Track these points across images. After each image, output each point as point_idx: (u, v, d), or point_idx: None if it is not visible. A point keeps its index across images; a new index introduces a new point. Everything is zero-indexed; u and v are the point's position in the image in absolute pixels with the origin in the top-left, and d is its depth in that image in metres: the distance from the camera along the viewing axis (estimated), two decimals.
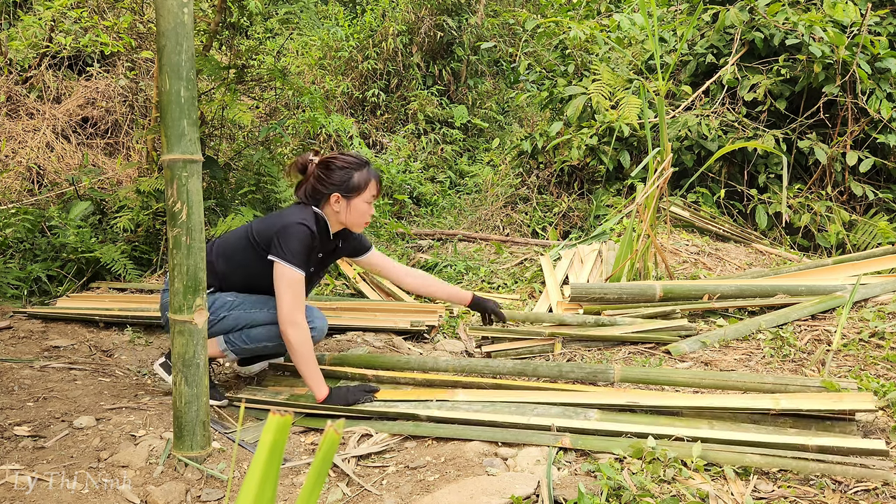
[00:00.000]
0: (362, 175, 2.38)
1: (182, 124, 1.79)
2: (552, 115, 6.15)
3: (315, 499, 0.62)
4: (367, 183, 2.38)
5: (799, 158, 5.09)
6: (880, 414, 2.05)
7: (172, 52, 1.77)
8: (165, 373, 2.49)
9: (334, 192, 2.36)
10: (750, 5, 5.02)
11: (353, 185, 2.36)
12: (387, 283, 3.97)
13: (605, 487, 1.65)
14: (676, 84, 5.55)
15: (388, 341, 3.11)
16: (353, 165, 2.38)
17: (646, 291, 3.17)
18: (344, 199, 2.38)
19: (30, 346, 2.94)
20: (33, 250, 3.93)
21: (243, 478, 1.44)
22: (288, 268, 2.23)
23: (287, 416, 0.60)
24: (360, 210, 2.40)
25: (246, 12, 4.55)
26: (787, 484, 1.70)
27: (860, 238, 4.72)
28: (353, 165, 2.38)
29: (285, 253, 2.24)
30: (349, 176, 2.36)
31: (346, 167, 2.37)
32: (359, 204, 2.39)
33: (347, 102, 8.04)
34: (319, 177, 2.37)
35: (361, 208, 2.40)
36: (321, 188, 2.37)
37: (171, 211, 1.82)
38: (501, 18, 8.50)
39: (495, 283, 4.25)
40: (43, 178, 5.23)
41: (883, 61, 4.79)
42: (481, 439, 2.00)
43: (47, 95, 5.85)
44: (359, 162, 2.39)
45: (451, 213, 6.50)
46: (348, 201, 2.38)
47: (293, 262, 2.24)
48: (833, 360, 2.51)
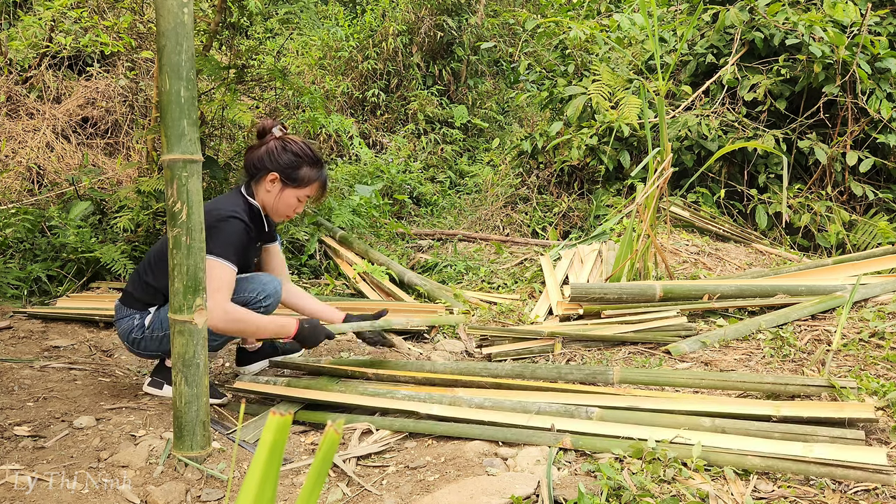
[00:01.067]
0: (311, 171, 2.34)
1: (182, 124, 1.79)
2: (552, 115, 6.15)
3: (315, 499, 0.62)
4: (310, 181, 2.34)
5: (799, 158, 5.09)
6: (880, 414, 2.05)
7: (172, 52, 1.77)
8: (157, 389, 2.47)
9: (274, 172, 2.30)
10: (750, 5, 5.02)
11: (296, 175, 2.32)
12: (386, 283, 3.97)
13: (605, 487, 1.65)
14: (676, 84, 5.55)
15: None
16: (307, 158, 2.33)
17: (646, 291, 3.16)
18: (280, 184, 2.32)
19: (30, 346, 2.94)
20: (33, 250, 3.93)
21: (243, 478, 1.44)
22: (218, 263, 2.14)
23: (287, 416, 0.60)
24: (289, 202, 2.35)
25: (246, 12, 4.55)
26: (787, 484, 1.70)
27: (860, 238, 4.72)
28: (307, 158, 2.33)
29: (216, 247, 2.14)
30: (298, 165, 2.32)
31: (300, 156, 2.32)
32: (291, 196, 2.34)
33: (347, 102, 8.04)
34: (271, 150, 2.31)
35: (291, 201, 2.35)
36: (267, 161, 2.31)
37: (171, 211, 1.82)
38: (501, 18, 8.50)
39: (495, 283, 4.25)
40: (43, 178, 5.23)
41: (883, 61, 4.79)
42: (481, 439, 2.00)
43: (47, 95, 5.85)
44: (314, 158, 2.35)
45: (451, 213, 6.50)
46: (283, 188, 2.32)
47: (225, 256, 2.16)
48: (833, 360, 2.51)
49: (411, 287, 3.96)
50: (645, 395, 2.22)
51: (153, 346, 2.35)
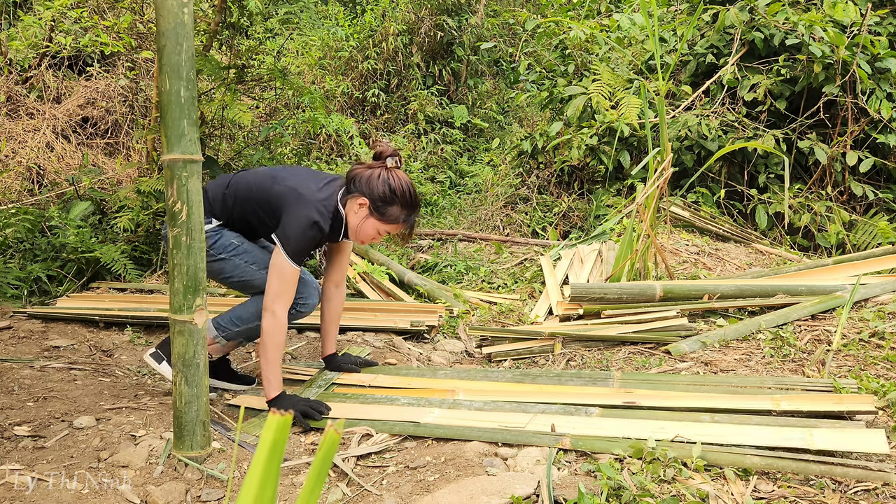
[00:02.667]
0: (401, 213, 2.30)
1: (182, 124, 1.79)
2: (552, 115, 6.15)
3: (315, 499, 0.62)
4: (396, 220, 2.31)
5: (799, 158, 5.09)
6: (880, 414, 2.05)
7: (172, 52, 1.77)
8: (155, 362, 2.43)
9: (366, 199, 2.28)
10: (750, 5, 5.02)
11: (385, 211, 2.29)
12: (386, 283, 3.97)
13: (605, 487, 1.65)
14: (676, 84, 5.55)
15: (388, 341, 3.11)
16: (401, 198, 2.28)
17: (646, 291, 3.16)
18: (367, 211, 2.29)
19: (30, 346, 2.94)
20: (33, 250, 3.93)
21: (243, 478, 1.44)
22: (286, 261, 2.20)
23: (287, 416, 0.60)
24: (369, 232, 2.33)
25: (246, 12, 4.55)
26: (787, 484, 1.70)
27: (860, 238, 4.72)
28: (401, 198, 2.28)
29: (288, 242, 2.20)
30: (392, 203, 2.28)
31: (396, 194, 2.27)
32: (373, 226, 2.31)
33: (347, 102, 8.04)
34: (373, 177, 2.28)
35: (371, 231, 2.32)
36: (364, 185, 2.28)
37: (171, 211, 1.82)
38: (501, 18, 8.50)
39: (495, 283, 4.25)
40: (43, 178, 5.23)
41: (883, 61, 4.79)
42: (481, 439, 2.00)
43: (47, 95, 5.85)
44: (410, 201, 2.30)
45: (451, 213, 6.50)
46: (369, 216, 2.30)
47: (292, 255, 2.20)
48: (833, 360, 2.51)
49: (411, 287, 3.96)
50: (645, 392, 2.23)
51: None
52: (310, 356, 2.99)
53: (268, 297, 2.21)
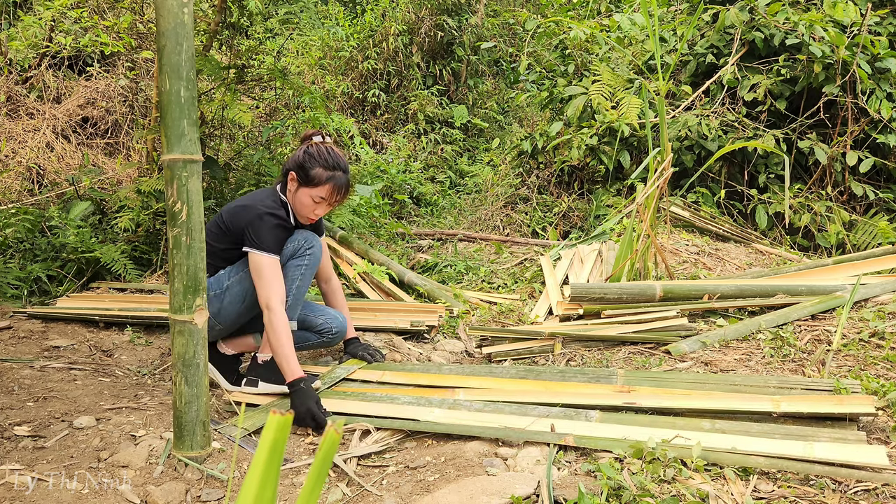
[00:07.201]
0: (323, 173, 2.41)
1: (182, 124, 1.79)
2: (552, 115, 6.15)
3: (315, 499, 0.62)
4: (320, 181, 2.41)
5: (799, 158, 5.08)
6: (880, 414, 2.05)
7: (172, 52, 1.77)
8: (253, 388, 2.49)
9: (292, 171, 2.44)
10: (750, 5, 5.02)
11: (308, 175, 2.42)
12: (386, 282, 3.97)
13: (605, 487, 1.65)
14: (676, 84, 5.55)
15: (388, 341, 3.11)
16: (322, 160, 2.42)
17: (646, 291, 3.16)
18: (295, 183, 2.44)
19: (30, 346, 2.94)
20: (33, 250, 3.92)
21: (243, 478, 1.44)
22: (262, 255, 2.32)
23: (287, 416, 0.60)
24: (304, 202, 2.45)
25: (246, 12, 4.55)
26: (788, 484, 1.70)
27: (860, 238, 4.72)
28: (322, 160, 2.42)
29: (258, 243, 2.33)
30: (312, 165, 2.41)
31: (316, 158, 2.42)
32: (305, 195, 2.43)
33: (347, 102, 8.04)
34: (296, 152, 2.47)
35: (305, 200, 2.44)
36: (290, 161, 2.46)
37: (171, 211, 1.82)
38: (501, 18, 8.50)
39: (495, 283, 4.25)
40: (43, 178, 5.23)
41: (883, 61, 4.79)
42: (481, 439, 2.00)
43: (47, 95, 5.84)
44: (332, 162, 2.43)
45: (451, 213, 6.50)
46: (298, 186, 2.44)
47: (267, 249, 2.33)
48: (833, 360, 2.51)
49: (411, 287, 3.96)
50: (647, 389, 2.23)
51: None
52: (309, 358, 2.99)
53: (261, 298, 2.32)
